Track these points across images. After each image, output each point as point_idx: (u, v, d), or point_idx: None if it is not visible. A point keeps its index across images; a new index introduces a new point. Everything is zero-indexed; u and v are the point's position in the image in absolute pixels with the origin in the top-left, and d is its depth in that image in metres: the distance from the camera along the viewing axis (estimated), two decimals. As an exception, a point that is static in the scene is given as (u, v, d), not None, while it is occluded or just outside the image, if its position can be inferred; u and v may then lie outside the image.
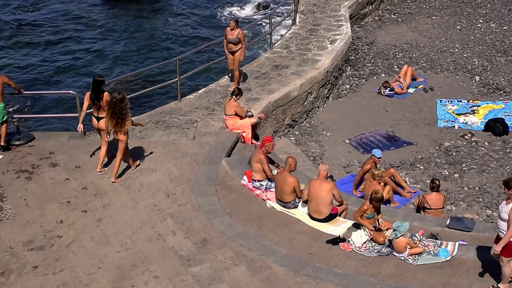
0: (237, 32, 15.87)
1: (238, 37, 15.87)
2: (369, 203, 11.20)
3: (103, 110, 12.45)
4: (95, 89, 12.48)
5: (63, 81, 20.82)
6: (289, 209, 11.99)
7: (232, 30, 15.87)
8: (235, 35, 15.89)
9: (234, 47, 15.99)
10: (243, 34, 15.99)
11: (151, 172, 12.98)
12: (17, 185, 12.58)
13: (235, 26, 15.83)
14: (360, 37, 21.89)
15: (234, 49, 16.00)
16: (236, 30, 15.87)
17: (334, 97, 18.54)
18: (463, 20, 23.17)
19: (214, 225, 11.47)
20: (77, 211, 11.87)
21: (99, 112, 12.59)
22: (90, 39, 23.95)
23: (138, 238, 11.17)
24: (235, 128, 14.30)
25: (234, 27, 15.84)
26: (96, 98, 12.50)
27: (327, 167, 11.73)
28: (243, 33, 16.04)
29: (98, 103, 12.52)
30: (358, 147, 16.11)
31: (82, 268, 10.49)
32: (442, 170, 15.07)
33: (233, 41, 15.93)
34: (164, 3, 27.45)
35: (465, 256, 10.77)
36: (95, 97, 12.49)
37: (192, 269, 10.42)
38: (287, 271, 10.43)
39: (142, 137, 14.19)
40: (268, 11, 24.85)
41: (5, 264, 10.57)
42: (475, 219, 13.12)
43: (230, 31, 15.92)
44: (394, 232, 10.71)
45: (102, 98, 12.44)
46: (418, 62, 20.28)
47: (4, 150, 13.68)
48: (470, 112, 17.43)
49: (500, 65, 19.95)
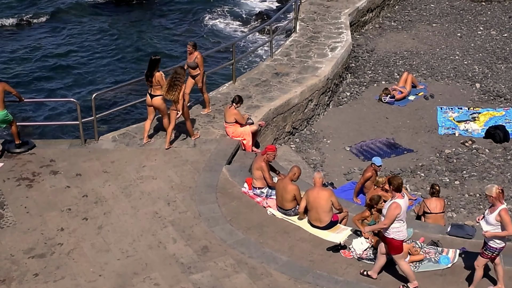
0: (194, 56, 14.62)
1: (196, 62, 14.64)
2: (368, 211, 11.22)
3: (155, 88, 13.57)
4: (150, 68, 13.54)
5: (64, 88, 20.83)
6: (290, 216, 11.99)
7: (190, 54, 14.67)
8: (192, 59, 14.66)
9: (193, 71, 14.87)
10: (201, 58, 14.66)
11: (151, 180, 12.99)
12: (18, 193, 12.59)
13: (192, 50, 14.61)
14: (360, 44, 21.93)
15: (193, 73, 14.90)
16: (194, 54, 14.63)
17: (334, 104, 18.56)
18: (463, 28, 23.20)
19: (215, 233, 11.47)
20: (78, 218, 11.88)
21: (153, 90, 13.67)
22: (91, 45, 23.96)
23: (139, 245, 11.16)
24: (236, 135, 14.31)
25: (192, 51, 14.63)
26: (150, 76, 13.52)
27: (321, 174, 11.76)
28: (202, 57, 14.71)
29: (151, 81, 13.56)
30: (359, 155, 16.12)
31: (83, 275, 10.49)
32: (442, 177, 15.07)
33: (191, 66, 14.74)
34: (164, 8, 27.47)
35: (466, 263, 10.75)
36: (150, 75, 13.54)
37: (193, 277, 10.41)
38: (288, 279, 10.42)
39: (143, 145, 14.19)
40: (268, 19, 24.87)
41: (6, 271, 10.57)
42: (476, 226, 13.09)
43: (189, 55, 14.75)
44: None
45: (154, 77, 13.46)
46: (419, 69, 20.30)
47: (21, 146, 13.90)
48: (470, 119, 17.44)
49: (500, 72, 19.97)
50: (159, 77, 13.50)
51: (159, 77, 13.51)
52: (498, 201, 9.63)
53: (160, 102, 13.73)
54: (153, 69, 13.52)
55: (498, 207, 9.65)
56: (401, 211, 9.74)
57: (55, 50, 23.45)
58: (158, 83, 13.52)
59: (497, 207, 9.65)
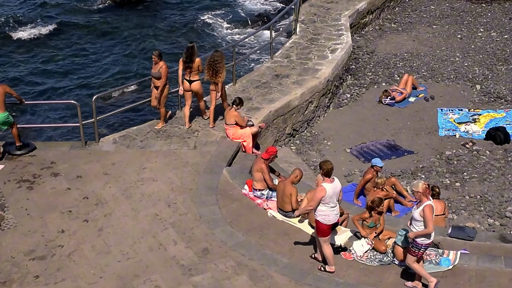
0: (159, 66, 14.20)
1: (160, 71, 14.22)
2: (368, 213, 11.18)
3: (194, 73, 14.33)
4: (189, 54, 14.27)
5: (65, 90, 20.84)
6: (290, 218, 11.98)
7: (156, 63, 14.27)
8: (157, 69, 14.24)
9: (157, 82, 14.34)
10: (166, 68, 14.24)
11: (152, 182, 12.99)
12: (19, 195, 12.59)
13: (157, 59, 14.22)
14: (360, 46, 21.94)
15: (157, 84, 14.37)
16: (159, 63, 14.22)
17: (334, 106, 18.56)
18: (463, 29, 23.20)
19: (215, 235, 11.47)
20: (79, 220, 11.88)
21: (191, 76, 14.39)
22: (91, 47, 23.99)
23: (139, 247, 11.16)
24: (236, 137, 14.31)
25: (157, 61, 14.23)
26: (189, 62, 14.26)
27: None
28: (167, 68, 14.28)
29: (190, 67, 14.28)
30: (359, 156, 16.11)
31: (84, 277, 10.49)
32: (443, 179, 15.06)
33: (156, 76, 14.30)
34: (164, 10, 27.49)
35: (467, 265, 10.76)
36: (189, 61, 14.27)
37: (194, 279, 10.41)
38: (288, 281, 10.41)
39: (143, 147, 14.20)
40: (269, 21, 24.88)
41: (7, 273, 10.57)
42: (477, 228, 13.10)
43: (154, 64, 14.33)
44: (399, 238, 10.65)
45: (194, 63, 14.25)
46: (419, 71, 20.30)
47: (21, 148, 13.95)
48: (471, 120, 17.43)
49: (501, 74, 19.97)
50: (199, 63, 14.37)
51: (198, 62, 14.37)
52: (425, 196, 9.71)
53: (199, 86, 14.62)
54: (192, 55, 14.26)
55: (424, 203, 9.72)
56: (327, 195, 9.94)
57: (55, 52, 23.48)
58: (197, 69, 14.35)
59: (423, 203, 9.74)
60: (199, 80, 14.61)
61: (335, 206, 10.17)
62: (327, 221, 10.16)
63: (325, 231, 10.24)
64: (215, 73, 14.31)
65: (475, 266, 10.72)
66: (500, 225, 13.43)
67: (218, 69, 14.27)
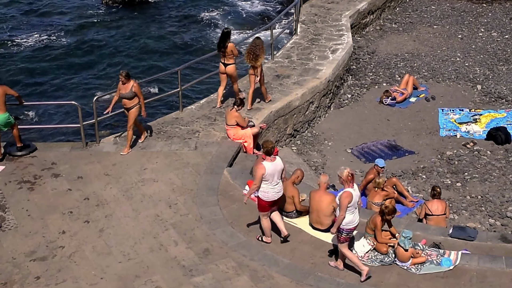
0: (130, 85, 13.58)
1: (133, 91, 13.58)
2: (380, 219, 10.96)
3: (228, 57, 15.23)
4: (223, 39, 15.20)
5: (65, 91, 20.84)
6: (291, 219, 11.97)
7: (124, 84, 13.61)
8: (128, 88, 13.58)
9: (129, 102, 13.69)
10: (138, 86, 13.75)
11: (153, 182, 12.99)
12: (19, 196, 12.60)
13: (125, 79, 13.58)
14: (361, 46, 21.93)
15: (129, 105, 13.72)
16: (129, 83, 13.60)
17: (335, 106, 18.56)
18: (464, 29, 23.20)
19: (216, 235, 11.46)
20: (79, 221, 11.88)
21: (226, 59, 15.31)
22: (91, 48, 23.98)
23: (140, 248, 11.16)
24: (237, 138, 14.31)
25: (125, 81, 13.59)
26: (223, 47, 15.13)
27: (327, 179, 11.72)
28: (138, 85, 13.82)
29: (224, 51, 15.17)
30: (360, 157, 16.11)
31: (85, 278, 10.49)
32: (444, 179, 15.05)
33: (128, 96, 13.63)
34: (165, 11, 27.50)
35: (468, 265, 10.75)
36: (222, 46, 15.15)
37: (195, 279, 10.41)
38: (289, 281, 10.41)
39: (144, 147, 14.21)
40: (269, 21, 24.87)
41: (8, 274, 10.58)
42: (478, 228, 13.09)
43: (122, 85, 13.65)
44: (403, 240, 10.63)
45: (227, 47, 15.10)
46: (420, 71, 20.30)
47: (22, 149, 13.98)
48: (472, 121, 17.42)
49: (502, 74, 19.97)
50: (232, 47, 15.26)
51: (232, 47, 15.26)
52: (346, 183, 10.05)
53: (233, 69, 15.46)
54: (225, 41, 15.16)
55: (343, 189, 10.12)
56: (266, 172, 10.54)
57: (56, 53, 23.47)
58: (231, 53, 15.24)
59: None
60: (233, 64, 15.44)
61: (276, 185, 10.78)
62: (266, 198, 10.79)
63: (264, 207, 10.94)
64: (255, 57, 15.07)
65: (476, 266, 10.71)
66: (501, 225, 13.43)
67: (258, 54, 15.06)
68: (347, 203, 9.96)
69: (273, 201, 10.91)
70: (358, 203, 10.38)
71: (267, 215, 11.06)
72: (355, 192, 10.11)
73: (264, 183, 10.69)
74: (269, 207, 10.95)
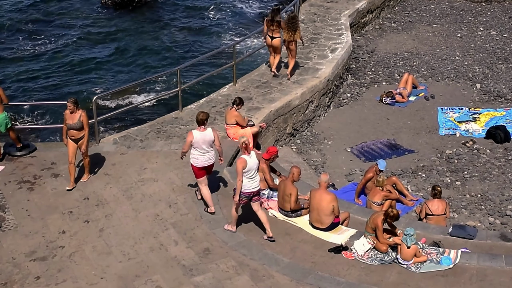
0: (78, 115, 12.48)
1: (81, 121, 12.49)
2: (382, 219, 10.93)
3: (275, 31, 16.77)
4: (274, 14, 16.68)
5: (65, 91, 20.84)
6: (291, 218, 11.98)
7: (72, 112, 12.50)
8: (76, 118, 12.47)
9: (77, 133, 12.55)
10: (86, 115, 12.58)
11: (153, 182, 12.99)
12: (19, 196, 12.59)
13: (73, 107, 12.47)
14: (360, 45, 21.94)
15: (77, 136, 12.56)
16: (77, 112, 12.50)
17: (335, 105, 18.56)
18: (463, 28, 23.20)
19: (216, 235, 11.47)
20: (79, 221, 11.88)
21: (273, 33, 16.80)
22: (91, 48, 23.99)
23: (140, 248, 11.17)
24: (237, 137, 14.28)
25: (73, 109, 12.47)
26: (272, 22, 16.68)
27: (328, 178, 11.72)
28: (86, 114, 12.62)
29: (273, 26, 16.73)
30: (360, 156, 16.11)
31: (85, 278, 10.49)
32: (444, 177, 15.06)
33: (76, 127, 12.49)
34: (164, 12, 27.49)
35: (468, 264, 10.76)
36: (272, 21, 16.68)
37: (195, 279, 10.41)
38: (289, 280, 10.42)
39: (143, 147, 14.21)
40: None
41: (8, 275, 10.57)
42: (478, 226, 13.10)
43: (70, 114, 12.51)
44: (405, 238, 10.63)
45: (278, 23, 16.70)
46: (419, 70, 20.30)
47: (22, 149, 13.98)
48: (471, 119, 17.43)
49: (501, 73, 19.97)
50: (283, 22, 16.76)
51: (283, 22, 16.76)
52: (242, 151, 10.97)
53: (278, 42, 16.94)
54: (277, 16, 16.64)
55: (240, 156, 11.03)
56: (194, 139, 11.49)
57: (55, 53, 23.47)
58: (279, 27, 16.70)
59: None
60: (279, 38, 16.87)
61: (205, 153, 11.64)
62: (196, 163, 11.70)
63: (196, 172, 11.82)
64: (293, 32, 16.62)
65: (476, 264, 10.72)
66: (500, 223, 13.44)
67: (295, 29, 16.64)
68: (242, 168, 10.78)
69: (203, 167, 11.74)
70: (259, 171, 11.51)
71: (202, 182, 11.87)
72: (250, 159, 10.89)
73: (193, 150, 11.63)
74: (200, 172, 11.77)
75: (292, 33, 16.64)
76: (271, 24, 16.74)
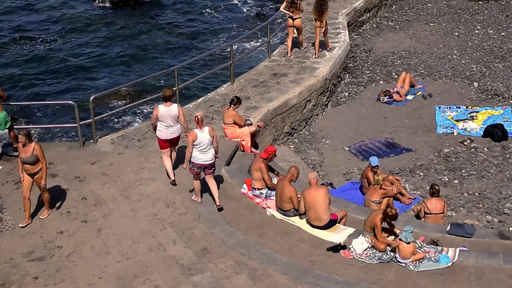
0: (31, 148, 11.43)
1: (35, 154, 11.46)
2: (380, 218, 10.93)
3: (296, 12, 17.82)
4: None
5: (62, 90, 20.83)
6: (289, 217, 11.98)
7: (24, 146, 11.45)
8: (29, 152, 11.43)
9: (32, 168, 11.54)
10: (40, 148, 11.56)
11: (150, 182, 12.98)
12: (17, 196, 12.56)
13: (26, 141, 11.40)
14: (358, 44, 21.93)
15: (32, 170, 11.56)
16: (29, 145, 11.46)
17: (333, 104, 18.56)
18: (460, 27, 23.22)
19: (214, 234, 11.46)
20: (77, 221, 11.87)
21: (295, 14, 17.87)
22: (88, 48, 23.97)
23: (138, 248, 11.16)
24: (234, 136, 14.30)
25: (26, 142, 11.41)
26: (292, 3, 17.74)
27: (316, 174, 11.80)
28: (40, 147, 11.59)
29: (294, 7, 17.79)
30: (358, 154, 16.11)
31: (83, 278, 10.48)
32: (441, 176, 15.07)
33: (30, 161, 11.47)
34: (161, 11, 27.48)
35: (466, 262, 10.77)
36: (293, 3, 17.74)
37: (193, 278, 10.41)
38: (288, 279, 10.42)
39: (141, 147, 14.20)
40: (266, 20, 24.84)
41: (6, 275, 10.56)
42: (476, 225, 13.10)
43: (23, 147, 11.48)
44: (404, 234, 10.62)
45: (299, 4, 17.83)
46: (417, 69, 20.31)
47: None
48: (469, 118, 17.44)
49: (498, 71, 19.99)
50: (301, 4, 17.93)
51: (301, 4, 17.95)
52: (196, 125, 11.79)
53: (300, 23, 18.08)
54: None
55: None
56: (159, 114, 12.45)
57: (53, 53, 23.46)
58: (300, 9, 17.84)
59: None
60: (300, 18, 18.01)
61: (169, 127, 12.59)
62: (160, 136, 12.67)
63: (160, 144, 12.81)
64: (321, 12, 17.86)
65: (474, 263, 10.73)
66: (498, 221, 13.45)
67: (324, 9, 17.85)
68: (191, 140, 11.66)
69: (167, 139, 12.69)
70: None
71: (165, 153, 12.85)
72: (201, 134, 11.70)
73: (159, 123, 12.57)
74: (164, 144, 12.74)
75: (320, 13, 17.83)
76: (291, 5, 17.77)
